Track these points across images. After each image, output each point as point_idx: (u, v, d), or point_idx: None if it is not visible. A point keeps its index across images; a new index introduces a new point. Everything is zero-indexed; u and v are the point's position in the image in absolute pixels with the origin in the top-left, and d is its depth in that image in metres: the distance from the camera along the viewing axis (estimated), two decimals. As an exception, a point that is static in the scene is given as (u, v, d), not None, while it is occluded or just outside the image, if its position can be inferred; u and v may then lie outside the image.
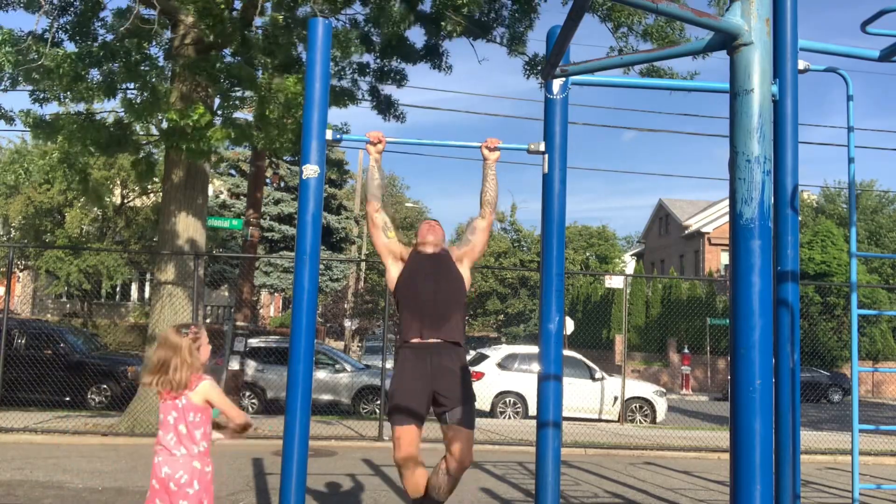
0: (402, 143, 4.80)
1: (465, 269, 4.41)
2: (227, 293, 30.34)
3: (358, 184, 36.62)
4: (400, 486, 7.07)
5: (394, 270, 4.39)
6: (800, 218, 5.43)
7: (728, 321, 2.07)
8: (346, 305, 31.54)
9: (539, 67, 11.60)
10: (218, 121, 9.73)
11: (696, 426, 14.59)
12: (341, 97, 11.33)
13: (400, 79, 12.20)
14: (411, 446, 4.11)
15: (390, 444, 4.35)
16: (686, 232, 42.31)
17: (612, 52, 11.33)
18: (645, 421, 14.88)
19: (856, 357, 4.89)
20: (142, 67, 9.03)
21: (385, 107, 12.70)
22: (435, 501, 4.27)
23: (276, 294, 36.51)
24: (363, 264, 36.01)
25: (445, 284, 4.30)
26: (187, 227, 10.36)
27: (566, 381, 8.02)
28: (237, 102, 10.08)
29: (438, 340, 4.20)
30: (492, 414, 14.47)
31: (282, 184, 32.84)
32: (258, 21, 9.71)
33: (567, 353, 14.10)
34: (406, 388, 4.18)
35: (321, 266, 10.04)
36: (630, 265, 49.51)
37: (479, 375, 14.91)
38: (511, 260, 39.26)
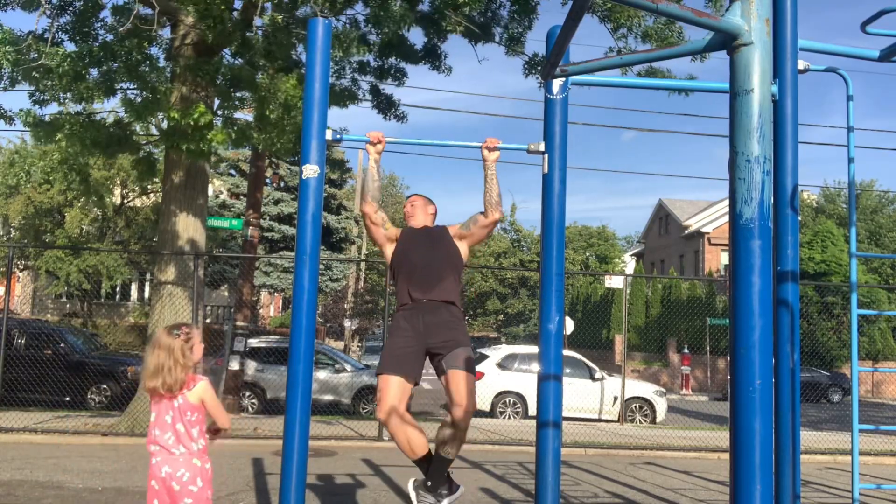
0: (402, 143, 4.80)
1: (461, 246, 4.47)
2: (227, 293, 30.34)
3: (358, 184, 36.63)
4: (401, 486, 7.08)
5: (390, 250, 4.50)
6: (800, 218, 5.44)
7: (728, 321, 2.07)
8: (345, 305, 31.54)
9: (539, 66, 11.60)
10: (218, 121, 9.72)
11: (696, 426, 14.59)
12: (341, 97, 11.32)
13: (400, 76, 12.20)
14: (393, 396, 4.07)
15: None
16: (686, 232, 42.31)
17: (612, 52, 11.33)
18: (645, 421, 14.88)
19: (855, 357, 4.89)
20: (142, 68, 9.02)
21: (386, 106, 12.69)
22: (444, 460, 4.12)
23: (276, 294, 36.51)
24: (363, 264, 36.00)
25: (439, 250, 4.38)
26: (187, 228, 10.36)
27: (566, 381, 8.03)
28: (237, 103, 10.07)
29: (429, 299, 4.24)
30: (492, 414, 14.47)
31: (282, 184, 32.84)
32: (258, 21, 9.70)
33: (567, 353, 14.11)
34: (396, 344, 4.24)
35: (321, 266, 10.04)
36: (630, 265, 49.52)
37: (479, 375, 14.90)
38: (511, 260, 39.27)
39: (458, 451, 4.18)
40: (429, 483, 4.16)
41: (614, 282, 20.34)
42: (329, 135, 4.21)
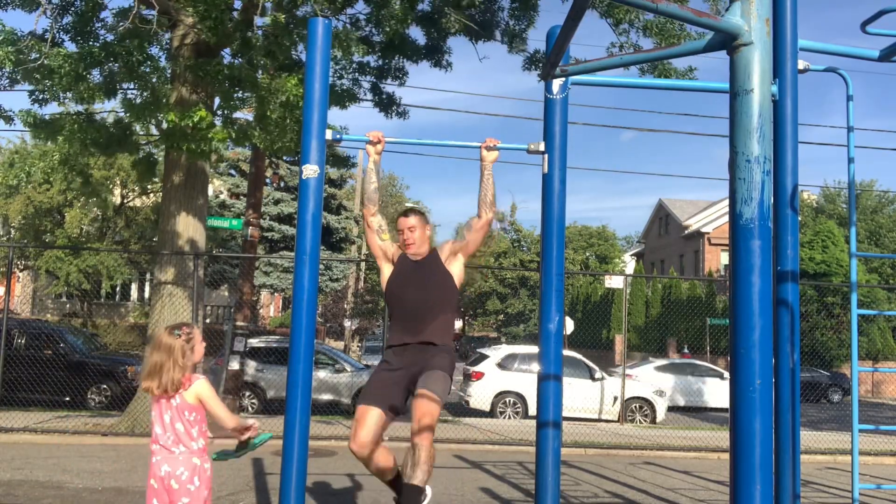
0: (402, 143, 4.80)
1: (456, 265, 4.40)
2: (227, 293, 30.33)
3: (358, 184, 36.61)
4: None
5: (385, 271, 4.48)
6: (800, 218, 5.44)
7: (728, 321, 2.07)
8: (345, 305, 31.56)
9: (540, 63, 11.60)
10: (218, 121, 9.72)
11: (696, 426, 14.59)
12: (342, 97, 11.32)
13: (402, 76, 12.20)
14: (366, 429, 4.07)
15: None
16: (686, 232, 42.30)
17: (613, 47, 11.32)
18: (645, 421, 14.88)
19: (855, 357, 4.88)
20: (142, 69, 9.01)
21: (387, 104, 12.69)
22: (408, 485, 3.99)
23: (276, 294, 36.51)
24: (363, 264, 35.97)
25: (430, 288, 4.31)
26: (187, 227, 10.36)
27: (566, 381, 8.03)
28: (237, 103, 10.07)
29: (418, 342, 4.24)
30: (492, 414, 14.46)
31: (282, 184, 32.83)
32: (259, 21, 9.70)
33: (567, 353, 14.10)
34: (378, 377, 4.32)
35: (321, 266, 10.03)
36: (630, 265, 49.54)
37: (479, 375, 14.92)
38: (511, 260, 39.31)
39: (422, 476, 3.93)
40: None
41: (614, 282, 20.35)
42: (329, 135, 4.21)
